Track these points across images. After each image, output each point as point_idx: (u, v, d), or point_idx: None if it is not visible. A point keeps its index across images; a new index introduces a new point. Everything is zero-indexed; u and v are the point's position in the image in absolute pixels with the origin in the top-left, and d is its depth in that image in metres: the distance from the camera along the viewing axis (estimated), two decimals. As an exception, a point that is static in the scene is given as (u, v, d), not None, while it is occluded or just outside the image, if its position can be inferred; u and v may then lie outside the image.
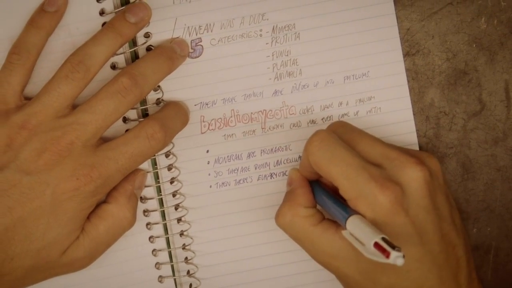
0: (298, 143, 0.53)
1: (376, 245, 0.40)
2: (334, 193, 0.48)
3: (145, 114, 0.52)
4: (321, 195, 0.49)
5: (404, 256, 0.39)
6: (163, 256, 0.54)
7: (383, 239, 0.40)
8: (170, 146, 0.53)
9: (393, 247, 0.40)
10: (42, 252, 0.47)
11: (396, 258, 0.39)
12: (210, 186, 0.54)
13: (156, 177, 0.53)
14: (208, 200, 0.54)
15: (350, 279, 0.48)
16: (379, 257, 0.40)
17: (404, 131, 0.53)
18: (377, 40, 0.52)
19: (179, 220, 0.54)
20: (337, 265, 0.48)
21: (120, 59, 0.51)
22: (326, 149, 0.47)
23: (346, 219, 0.45)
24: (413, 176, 0.46)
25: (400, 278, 0.46)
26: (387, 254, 0.40)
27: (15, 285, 0.48)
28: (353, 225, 0.44)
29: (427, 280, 0.46)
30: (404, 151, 0.48)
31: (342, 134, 0.49)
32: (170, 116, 0.50)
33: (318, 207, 0.50)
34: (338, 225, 0.48)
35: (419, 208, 0.46)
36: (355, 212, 0.45)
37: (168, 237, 0.54)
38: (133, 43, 0.52)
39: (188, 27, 0.52)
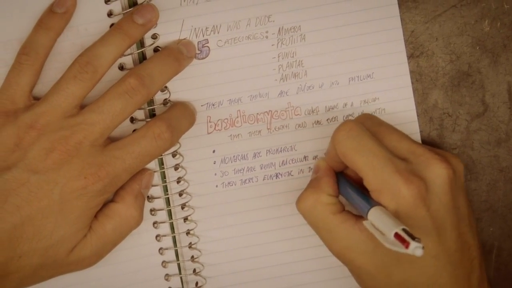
0: (303, 144, 0.53)
1: (397, 235, 0.40)
2: (358, 185, 0.48)
3: (152, 114, 0.52)
4: (345, 186, 0.49)
5: (423, 247, 0.39)
6: (170, 255, 0.54)
7: (404, 230, 0.40)
8: (177, 146, 0.52)
9: (413, 238, 0.39)
10: (50, 250, 0.47)
11: (415, 248, 0.39)
12: (216, 186, 0.53)
13: (163, 176, 0.53)
14: (214, 199, 0.53)
15: (364, 272, 0.47)
16: (399, 247, 0.40)
17: (408, 131, 0.53)
18: (381, 42, 0.52)
19: (185, 219, 0.53)
20: (352, 257, 0.47)
21: (127, 60, 0.51)
22: (354, 139, 0.47)
23: (369, 210, 0.44)
24: (438, 173, 0.46)
25: (414, 273, 0.46)
26: (406, 245, 0.39)
27: (23, 283, 0.48)
28: (375, 215, 0.44)
29: (440, 278, 0.46)
30: (430, 148, 0.48)
31: (370, 126, 0.49)
32: (177, 117, 0.50)
33: (341, 199, 0.49)
34: (357, 217, 0.47)
35: (441, 205, 0.45)
36: (378, 204, 0.45)
37: (174, 236, 0.54)
38: (141, 44, 0.51)
39: (195, 28, 0.51)
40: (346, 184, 0.49)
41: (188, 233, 0.53)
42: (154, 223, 0.53)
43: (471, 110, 0.53)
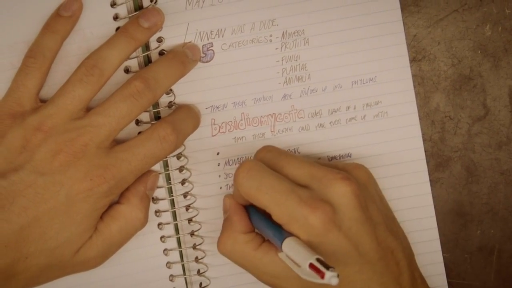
0: (307, 146, 0.53)
1: (311, 266, 0.40)
2: (269, 216, 0.47)
3: (157, 117, 0.52)
4: (256, 220, 0.48)
5: (338, 276, 0.39)
6: (174, 256, 0.54)
7: (318, 260, 0.40)
8: (182, 148, 0.52)
9: (328, 267, 0.39)
10: (56, 251, 0.46)
11: (330, 278, 0.39)
12: (220, 188, 0.53)
13: (168, 178, 0.53)
14: (218, 201, 0.53)
15: None
16: (315, 278, 0.39)
17: (410, 135, 0.53)
18: (384, 46, 0.52)
19: (189, 220, 0.53)
20: (282, 285, 0.47)
21: (133, 63, 0.51)
22: (254, 178, 0.46)
23: (282, 242, 0.44)
24: (341, 192, 0.45)
25: None
26: (321, 275, 0.39)
27: (30, 283, 0.47)
28: (289, 247, 0.43)
29: None
30: (331, 167, 0.48)
31: (270, 160, 0.48)
32: (182, 119, 0.50)
33: (257, 230, 0.49)
34: None
35: (352, 222, 0.45)
36: (290, 234, 0.44)
37: (179, 237, 0.53)
38: (146, 47, 0.51)
39: (200, 32, 0.51)
40: (258, 218, 0.48)
41: (192, 234, 0.53)
42: (159, 224, 0.53)
43: (473, 113, 0.53)
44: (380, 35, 0.51)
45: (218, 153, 0.53)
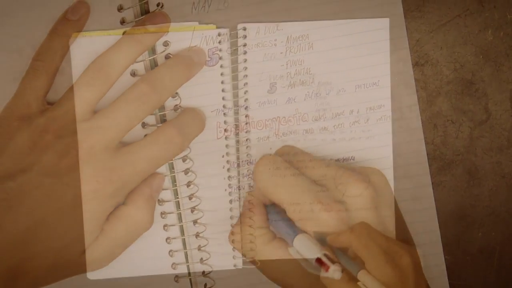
0: (310, 149, 0.52)
1: (318, 260, 0.42)
2: (284, 213, 0.48)
3: (163, 120, 0.51)
4: (273, 217, 0.49)
5: (342, 271, 0.40)
6: (179, 257, 0.53)
7: (325, 255, 0.42)
8: (187, 150, 0.52)
9: (333, 262, 0.41)
10: (63, 251, 0.46)
11: (334, 271, 0.41)
12: (225, 190, 0.53)
13: (173, 180, 0.52)
14: (223, 203, 0.53)
15: None
16: (319, 271, 0.41)
17: (412, 138, 0.53)
18: (387, 50, 0.52)
19: (195, 222, 0.53)
20: (291, 283, 0.47)
21: (139, 67, 0.50)
22: (272, 174, 0.47)
23: (293, 238, 0.45)
24: (356, 194, 0.46)
25: None
26: (326, 268, 0.41)
27: (37, 282, 0.47)
28: (300, 243, 0.45)
29: None
30: (348, 170, 0.48)
31: (289, 157, 0.49)
32: (188, 122, 0.50)
33: (271, 227, 0.50)
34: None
35: (363, 224, 0.45)
36: (302, 231, 0.45)
37: (184, 239, 0.53)
38: (152, 51, 0.51)
39: (206, 36, 0.51)
40: (274, 215, 0.49)
41: (197, 235, 0.53)
42: (164, 226, 0.53)
43: (474, 117, 0.53)
44: (383, 40, 0.51)
45: (223, 156, 0.52)
